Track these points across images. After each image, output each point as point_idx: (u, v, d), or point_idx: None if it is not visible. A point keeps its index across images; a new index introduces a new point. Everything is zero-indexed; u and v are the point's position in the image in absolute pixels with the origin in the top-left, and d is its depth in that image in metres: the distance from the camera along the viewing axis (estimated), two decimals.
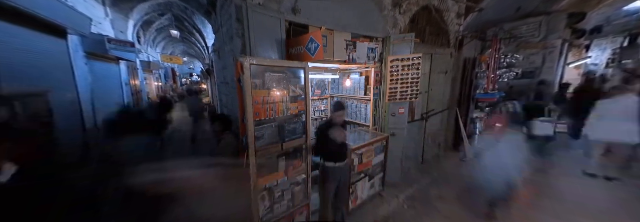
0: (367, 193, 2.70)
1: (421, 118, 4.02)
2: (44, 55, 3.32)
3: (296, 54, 2.32)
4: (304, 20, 2.44)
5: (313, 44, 2.07)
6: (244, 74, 1.51)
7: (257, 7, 2.11)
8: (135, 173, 1.41)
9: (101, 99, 4.78)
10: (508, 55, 4.25)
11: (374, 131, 3.18)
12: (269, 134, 1.71)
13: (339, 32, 2.62)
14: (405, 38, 3.00)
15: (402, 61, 2.92)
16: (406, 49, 3.01)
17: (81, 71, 4.14)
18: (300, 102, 1.89)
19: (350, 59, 2.73)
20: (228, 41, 2.91)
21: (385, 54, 3.05)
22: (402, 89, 3.01)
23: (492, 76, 4.11)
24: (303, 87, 1.89)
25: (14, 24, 2.82)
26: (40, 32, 3.26)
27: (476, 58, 4.47)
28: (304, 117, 1.93)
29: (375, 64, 3.05)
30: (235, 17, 2.18)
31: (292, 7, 2.37)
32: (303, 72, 1.88)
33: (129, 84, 6.71)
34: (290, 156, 1.89)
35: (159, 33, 10.20)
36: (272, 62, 1.82)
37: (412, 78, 2.94)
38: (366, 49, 2.89)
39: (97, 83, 4.66)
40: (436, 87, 4.26)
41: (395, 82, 3.00)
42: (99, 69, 4.91)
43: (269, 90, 1.69)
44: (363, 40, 2.90)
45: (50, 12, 3.05)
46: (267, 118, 1.69)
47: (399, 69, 2.95)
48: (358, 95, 3.46)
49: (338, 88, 3.93)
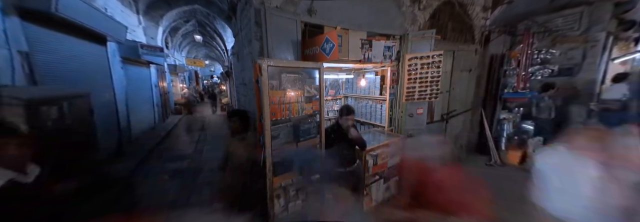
0: (382, 195, 2.63)
1: (441, 119, 3.82)
2: (87, 61, 3.70)
3: (311, 54, 2.31)
4: (319, 21, 2.45)
5: (328, 43, 2.05)
6: (262, 75, 1.53)
7: (275, 10, 2.15)
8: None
9: (134, 100, 5.22)
10: (542, 50, 3.88)
11: (389, 132, 3.08)
12: (284, 133, 1.73)
13: (354, 31, 2.56)
14: (425, 35, 2.86)
15: (420, 59, 2.79)
16: (426, 46, 2.86)
17: (117, 74, 4.54)
18: (314, 102, 1.88)
19: (365, 58, 2.66)
20: (247, 44, 2.97)
21: (403, 52, 2.93)
22: (420, 88, 2.87)
23: (522, 74, 3.79)
24: (317, 87, 1.88)
25: (64, 33, 3.16)
26: (85, 39, 3.63)
27: (504, 54, 4.14)
28: (317, 117, 1.92)
29: (391, 63, 2.94)
30: (254, 20, 2.25)
31: (308, 8, 2.38)
32: (317, 72, 1.86)
33: (158, 86, 7.22)
34: None
35: (184, 38, 10.99)
36: (288, 63, 1.83)
37: (432, 76, 2.79)
38: (382, 48, 2.79)
39: (130, 85, 5.11)
40: (458, 86, 4.02)
41: (413, 81, 2.87)
42: (132, 72, 5.37)
43: (285, 90, 1.70)
44: (379, 38, 2.80)
45: (94, 21, 3.39)
46: (283, 118, 1.70)
47: (418, 67, 2.82)
48: (373, 95, 3.37)
49: (352, 88, 3.85)
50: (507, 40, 4.21)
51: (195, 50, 14.44)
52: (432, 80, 2.82)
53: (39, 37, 2.74)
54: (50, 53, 2.93)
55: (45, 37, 2.86)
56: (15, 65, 2.32)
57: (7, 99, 1.57)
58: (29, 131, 1.53)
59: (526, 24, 3.98)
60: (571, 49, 3.81)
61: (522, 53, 3.76)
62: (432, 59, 2.75)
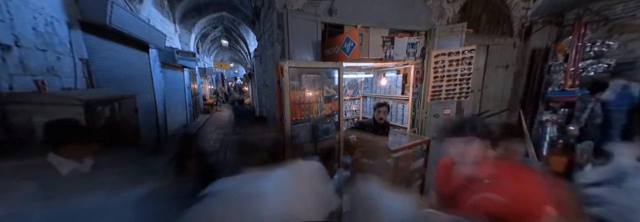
0: None
1: None
2: (133, 66, 4.20)
3: (331, 54, 2.31)
4: (339, 20, 2.44)
5: (349, 43, 2.03)
6: (283, 76, 1.58)
7: (296, 12, 2.20)
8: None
9: (170, 100, 5.83)
10: (596, 42, 3.37)
11: (411, 133, 2.95)
12: (304, 133, 1.76)
13: (375, 29, 2.50)
14: (454, 29, 2.67)
15: (449, 55, 2.62)
16: (455, 41, 2.68)
17: (157, 77, 5.08)
18: (333, 102, 1.88)
19: (386, 56, 2.58)
20: (269, 47, 3.09)
21: (428, 49, 2.78)
22: (448, 87, 2.70)
23: (571, 69, 3.34)
24: (337, 87, 1.88)
25: (115, 42, 3.63)
26: (131, 47, 4.12)
27: (549, 48, 3.68)
28: (336, 117, 1.92)
29: (415, 60, 2.81)
30: (277, 23, 2.33)
31: (328, 9, 2.39)
32: (337, 72, 1.86)
33: (190, 88, 7.94)
34: (323, 154, 1.91)
35: (212, 43, 12.02)
36: (309, 64, 1.87)
37: (462, 74, 2.61)
38: (405, 44, 2.68)
39: (167, 87, 5.72)
40: (493, 84, 3.69)
41: (439, 79, 2.71)
42: (169, 75, 6.00)
43: (305, 90, 1.73)
44: (402, 35, 2.70)
45: (139, 31, 3.83)
46: (302, 117, 1.73)
47: (445, 64, 2.65)
48: (394, 94, 3.25)
49: (371, 87, 3.77)
50: (552, 31, 3.73)
51: (221, 54, 15.67)
52: (461, 78, 2.63)
53: (96, 46, 3.16)
54: (105, 60, 3.36)
55: (101, 46, 3.29)
56: (77, 71, 2.71)
57: (71, 100, 1.85)
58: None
59: (577, 12, 3.48)
60: (632, 40, 3.24)
61: (571, 46, 3.30)
62: (462, 55, 2.56)
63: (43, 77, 2.20)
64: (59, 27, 2.49)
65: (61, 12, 2.55)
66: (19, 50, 1.99)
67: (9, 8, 1.92)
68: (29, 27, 2.12)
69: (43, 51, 2.25)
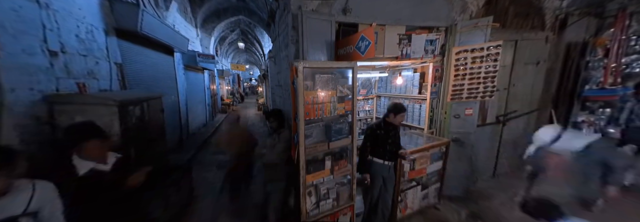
0: (418, 203, 2.45)
1: (496, 121, 3.33)
2: (160, 69, 4.52)
3: (345, 54, 2.31)
4: (353, 19, 2.43)
5: (364, 41, 2.02)
6: (298, 76, 1.60)
7: (311, 13, 2.23)
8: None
9: (191, 101, 6.22)
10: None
11: (429, 135, 2.84)
12: (317, 132, 1.77)
13: (391, 26, 2.45)
14: (479, 23, 2.53)
15: (472, 52, 2.49)
16: (479, 36, 2.55)
17: (181, 79, 5.43)
18: (347, 102, 1.87)
19: (403, 55, 2.51)
20: (283, 48, 3.15)
21: (449, 45, 2.66)
22: (470, 86, 2.57)
23: (613, 65, 3.01)
24: (350, 86, 1.87)
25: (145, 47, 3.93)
26: (158, 51, 4.45)
27: (587, 42, 3.35)
28: (349, 118, 1.91)
29: (434, 58, 2.70)
30: (291, 25, 2.37)
31: (343, 8, 2.39)
32: (351, 71, 1.84)
33: (209, 88, 8.39)
34: (336, 155, 1.92)
35: (229, 46, 12.68)
36: (323, 64, 1.88)
37: (486, 72, 2.47)
38: (423, 42, 2.59)
39: (189, 88, 6.09)
40: (521, 82, 3.44)
41: (461, 78, 2.58)
42: (190, 77, 6.38)
43: (319, 90, 1.74)
44: (420, 31, 2.61)
45: (166, 36, 4.15)
46: (316, 117, 1.75)
47: (467, 62, 2.52)
48: (410, 93, 3.15)
49: (386, 87, 3.67)
50: (591, 24, 3.38)
51: (237, 56, 16.43)
52: (486, 76, 2.49)
53: (128, 50, 3.43)
54: (135, 63, 3.64)
55: (132, 51, 3.57)
56: (112, 74, 2.97)
57: (107, 100, 2.03)
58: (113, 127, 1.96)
59: (620, 2, 3.13)
60: None
61: (613, 39, 2.98)
62: (487, 51, 2.42)
63: (84, 80, 2.44)
64: (97, 34, 2.75)
65: (100, 20, 2.81)
66: (64, 56, 2.22)
67: (57, 18, 2.16)
68: (73, 34, 2.37)
69: (84, 56, 2.50)
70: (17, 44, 1.76)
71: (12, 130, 1.63)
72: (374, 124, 2.14)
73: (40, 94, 1.90)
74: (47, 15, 2.04)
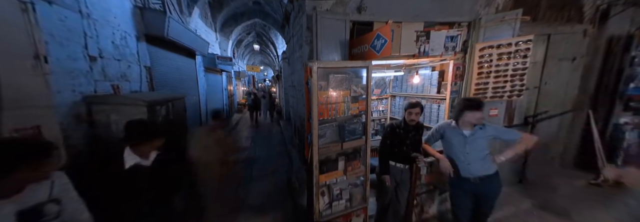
0: (436, 209, 2.34)
1: (525, 122, 3.09)
2: (183, 71, 4.81)
3: (359, 53, 2.28)
4: (368, 17, 2.39)
5: (379, 40, 1.98)
6: (312, 76, 1.61)
7: (325, 13, 2.24)
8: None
9: (210, 100, 6.55)
10: None
11: None
12: (330, 133, 1.77)
13: (408, 23, 2.38)
14: (506, 17, 2.38)
15: (498, 48, 2.34)
16: (506, 31, 2.40)
17: (201, 81, 5.73)
18: (361, 102, 1.85)
19: (420, 52, 2.43)
20: (297, 49, 3.19)
21: (472, 41, 2.52)
22: (495, 84, 2.42)
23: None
24: (364, 86, 1.84)
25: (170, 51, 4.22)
26: (182, 55, 4.75)
27: (632, 35, 2.99)
28: (363, 118, 1.88)
29: (455, 55, 2.58)
30: (306, 26, 2.39)
31: (357, 6, 2.36)
32: (365, 71, 1.81)
33: (226, 89, 8.78)
34: (349, 155, 1.90)
35: (245, 48, 13.27)
36: (337, 64, 1.88)
37: (514, 69, 2.31)
38: (443, 38, 2.48)
39: (208, 89, 6.40)
40: (554, 80, 3.16)
41: (485, 76, 2.44)
42: (210, 78, 6.75)
43: (332, 90, 1.73)
44: (439, 28, 2.51)
45: (189, 41, 4.43)
46: (329, 117, 1.74)
47: (493, 59, 2.38)
48: (428, 93, 3.02)
49: (401, 86, 3.55)
50: (636, 15, 3.02)
51: (253, 57, 17.09)
52: (514, 74, 2.32)
53: (155, 54, 3.69)
54: (161, 66, 3.91)
55: (159, 55, 3.83)
56: (142, 77, 3.21)
57: (138, 101, 2.20)
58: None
59: None
60: None
61: None
62: (515, 46, 2.26)
63: (118, 82, 2.67)
64: (130, 40, 2.99)
65: (132, 27, 3.05)
66: (102, 61, 2.45)
67: (96, 26, 2.38)
68: (109, 41, 2.60)
69: (118, 61, 2.73)
70: (63, 50, 1.97)
71: (58, 127, 1.83)
72: (394, 122, 2.05)
73: (80, 95, 2.11)
74: (88, 24, 2.26)
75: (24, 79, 1.54)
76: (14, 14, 1.47)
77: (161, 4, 3.69)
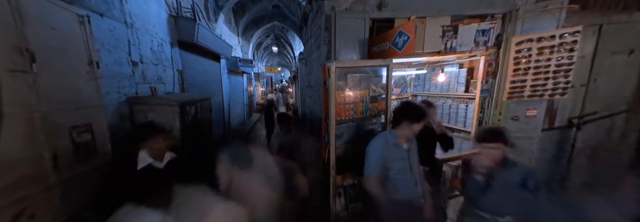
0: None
1: (569, 124, 2.74)
2: (210, 74, 5.15)
3: (378, 51, 2.23)
4: (389, 14, 2.32)
5: (402, 36, 1.92)
6: (330, 76, 1.61)
7: (344, 12, 2.22)
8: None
9: (233, 101, 7.01)
10: None
11: None
12: (348, 133, 1.75)
13: (433, 18, 2.25)
14: (549, 6, 2.14)
15: (538, 41, 2.11)
16: (549, 22, 2.16)
17: (225, 82, 6.09)
18: (380, 102, 1.80)
19: (447, 48, 2.28)
20: (315, 49, 3.21)
21: (507, 35, 2.31)
22: (535, 82, 2.18)
23: None
24: (384, 85, 1.79)
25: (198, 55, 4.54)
26: (209, 58, 5.08)
27: None
28: (382, 118, 1.82)
29: (487, 51, 2.37)
30: (324, 26, 2.40)
31: (378, 3, 2.30)
32: (385, 69, 1.77)
33: (247, 90, 9.24)
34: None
35: (265, 50, 13.92)
36: (356, 63, 1.86)
37: (558, 64, 2.07)
38: (473, 33, 2.30)
39: (231, 90, 6.84)
40: (605, 76, 2.76)
41: (522, 72, 2.22)
42: (232, 80, 7.13)
43: (350, 90, 1.72)
44: (468, 21, 2.33)
45: (215, 45, 4.72)
46: (347, 118, 1.73)
47: (532, 53, 2.15)
48: (454, 92, 2.83)
49: (423, 85, 3.37)
50: None
51: (271, 59, 17.81)
52: (557, 70, 2.08)
53: (186, 58, 4.00)
54: (191, 69, 4.21)
55: (188, 59, 4.14)
56: (175, 79, 3.49)
57: (171, 102, 2.40)
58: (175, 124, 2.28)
59: None
60: None
61: None
62: (560, 39, 2.02)
63: (155, 84, 2.94)
64: (165, 46, 3.28)
65: (167, 34, 3.34)
66: (142, 65, 2.71)
67: (138, 35, 2.65)
68: (148, 47, 2.87)
69: (155, 65, 3.01)
70: (110, 57, 2.22)
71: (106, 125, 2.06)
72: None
73: (124, 96, 2.36)
74: (131, 33, 2.53)
75: (81, 83, 1.76)
76: (74, 26, 1.69)
77: (191, 12, 3.98)
